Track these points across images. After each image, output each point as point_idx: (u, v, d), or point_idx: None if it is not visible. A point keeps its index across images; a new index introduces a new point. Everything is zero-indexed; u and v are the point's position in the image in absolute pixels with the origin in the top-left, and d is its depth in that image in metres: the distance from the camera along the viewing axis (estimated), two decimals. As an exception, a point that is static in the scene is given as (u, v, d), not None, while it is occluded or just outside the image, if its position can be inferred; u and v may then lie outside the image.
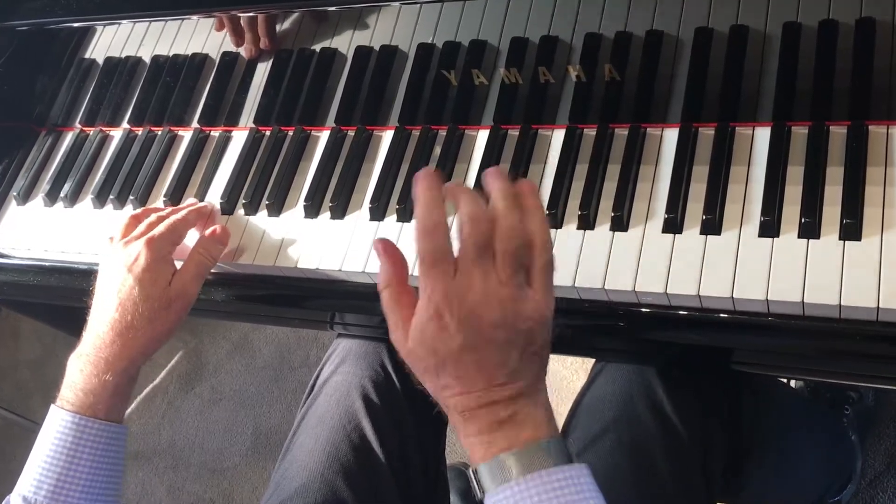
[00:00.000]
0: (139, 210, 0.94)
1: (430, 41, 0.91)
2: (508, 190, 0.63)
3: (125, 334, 0.80)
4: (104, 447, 0.79)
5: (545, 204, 0.80)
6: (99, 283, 0.84)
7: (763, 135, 0.76)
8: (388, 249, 0.66)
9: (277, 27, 0.99)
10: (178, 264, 0.85)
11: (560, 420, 1.59)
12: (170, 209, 0.93)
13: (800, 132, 0.75)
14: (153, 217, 0.88)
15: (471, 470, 0.63)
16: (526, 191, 0.64)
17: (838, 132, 0.74)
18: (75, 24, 1.05)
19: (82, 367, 0.80)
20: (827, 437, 1.17)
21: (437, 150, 0.89)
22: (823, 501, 1.22)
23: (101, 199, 1.02)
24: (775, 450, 0.95)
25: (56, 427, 0.78)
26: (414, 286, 0.64)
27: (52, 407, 0.80)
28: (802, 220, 0.70)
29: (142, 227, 0.87)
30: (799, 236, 0.70)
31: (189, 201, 0.97)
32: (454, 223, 0.62)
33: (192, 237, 0.90)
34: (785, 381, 1.20)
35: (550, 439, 0.61)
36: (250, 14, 0.95)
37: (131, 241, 0.85)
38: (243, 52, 1.01)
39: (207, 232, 0.89)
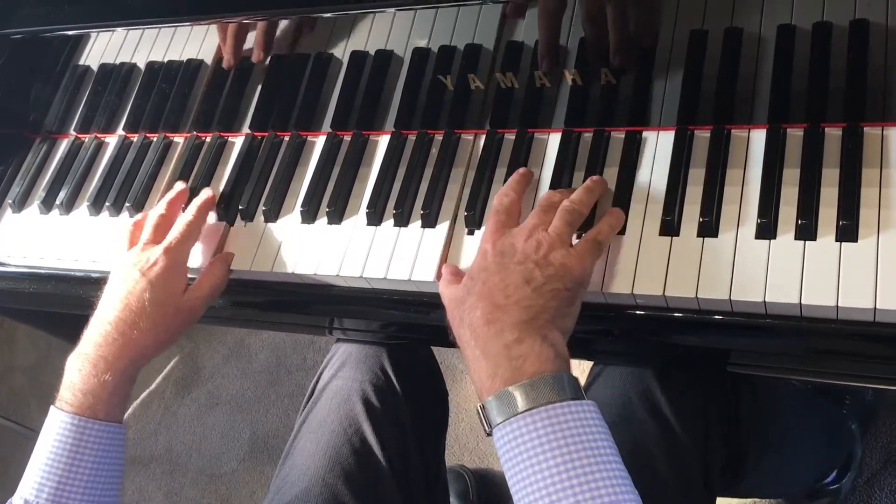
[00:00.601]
0: (140, 216, 0.94)
1: (425, 45, 0.91)
2: (596, 182, 0.77)
3: (128, 333, 0.80)
4: (105, 448, 0.79)
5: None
6: (108, 289, 0.84)
7: (759, 137, 0.77)
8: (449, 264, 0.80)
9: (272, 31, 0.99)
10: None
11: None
12: (168, 202, 0.92)
13: (795, 134, 0.75)
14: (157, 219, 0.89)
15: (478, 406, 0.64)
16: (616, 212, 0.76)
17: (834, 134, 0.74)
18: (70, 32, 1.05)
19: (81, 366, 0.80)
20: (826, 424, 1.17)
21: (434, 154, 0.89)
22: (824, 488, 1.23)
23: (97, 207, 1.02)
24: (775, 443, 0.95)
25: (56, 429, 0.78)
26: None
27: (52, 408, 0.80)
28: (799, 222, 0.70)
29: (149, 230, 0.87)
30: (796, 238, 0.70)
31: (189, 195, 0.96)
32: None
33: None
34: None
35: (556, 373, 0.62)
36: (245, 21, 0.94)
37: (148, 247, 0.85)
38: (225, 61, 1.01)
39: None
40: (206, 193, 0.93)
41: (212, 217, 0.94)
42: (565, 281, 0.68)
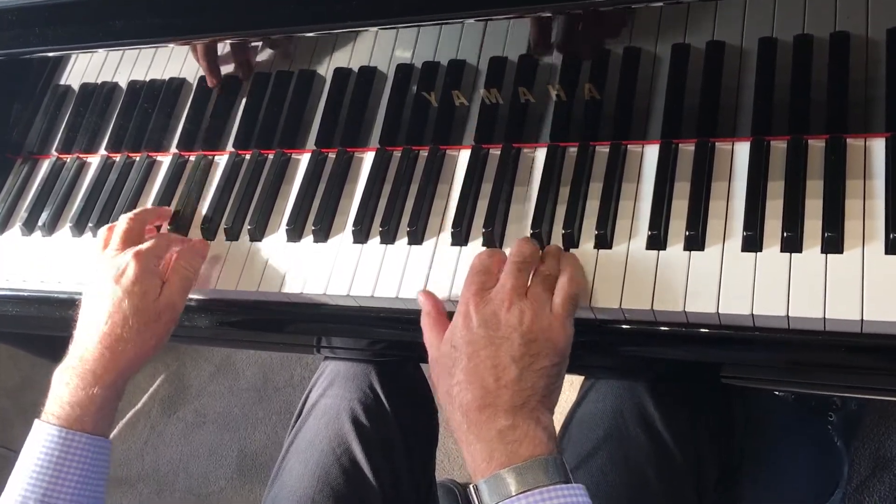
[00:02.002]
0: (123, 220, 0.92)
1: (409, 61, 0.91)
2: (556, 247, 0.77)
3: (114, 347, 0.79)
4: (91, 461, 0.78)
5: (528, 224, 0.80)
6: (86, 296, 0.84)
7: (742, 150, 0.77)
8: (429, 294, 0.78)
9: (255, 49, 0.98)
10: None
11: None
12: (143, 210, 0.93)
13: (779, 146, 0.76)
14: (128, 223, 0.88)
15: (471, 487, 0.65)
16: (564, 252, 0.77)
17: (817, 146, 0.74)
18: (50, 54, 1.04)
19: (68, 380, 0.79)
20: (814, 446, 1.18)
21: (419, 170, 0.89)
22: (814, 506, 1.23)
23: (79, 227, 1.01)
24: (765, 461, 0.95)
25: (42, 441, 0.77)
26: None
27: (36, 422, 0.79)
28: (785, 235, 0.70)
29: (119, 235, 0.87)
30: (782, 250, 0.70)
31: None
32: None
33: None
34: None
35: (549, 456, 0.63)
36: (227, 41, 0.94)
37: (118, 253, 0.84)
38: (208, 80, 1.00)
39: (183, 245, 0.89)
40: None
41: (198, 236, 0.93)
42: (552, 356, 0.68)
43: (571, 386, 1.58)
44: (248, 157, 0.98)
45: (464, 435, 0.66)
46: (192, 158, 1.01)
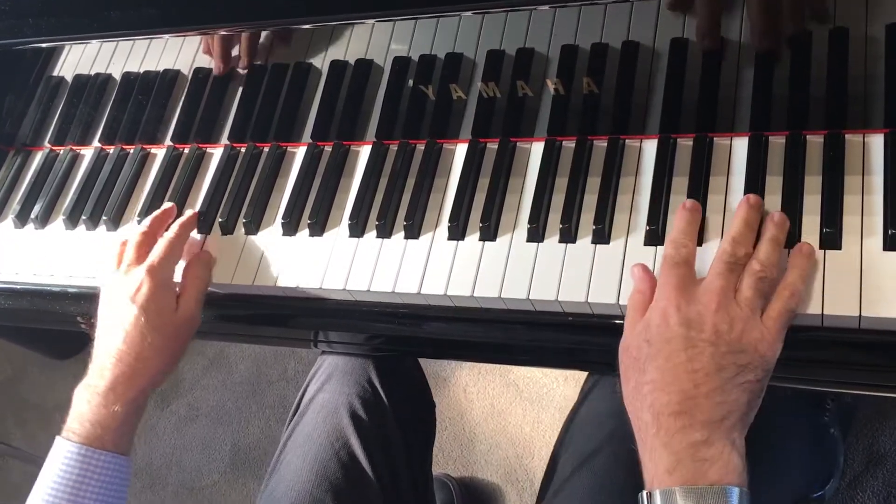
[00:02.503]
0: (134, 234, 0.90)
1: (406, 54, 0.90)
2: (781, 230, 0.67)
3: (134, 365, 0.80)
4: (110, 478, 0.78)
5: (526, 218, 0.80)
6: (102, 314, 0.83)
7: (741, 145, 0.77)
8: (647, 272, 0.70)
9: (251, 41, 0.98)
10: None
11: (548, 431, 1.59)
12: (152, 219, 0.91)
13: (777, 142, 0.76)
14: (140, 237, 0.87)
15: (644, 494, 0.61)
16: (806, 251, 0.67)
17: (816, 141, 0.74)
18: (43, 45, 1.03)
19: (90, 398, 0.79)
20: (810, 435, 1.18)
21: (416, 164, 0.89)
22: (807, 497, 1.23)
23: (72, 220, 1.00)
24: (763, 452, 0.95)
25: (62, 458, 0.77)
26: None
27: (58, 438, 0.79)
28: (783, 230, 0.70)
29: (132, 250, 0.86)
30: (780, 246, 0.70)
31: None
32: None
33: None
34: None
35: (735, 488, 0.58)
36: (223, 33, 0.93)
37: (132, 267, 0.84)
38: (215, 68, 0.99)
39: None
40: (189, 212, 0.92)
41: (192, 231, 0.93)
42: (757, 372, 0.62)
43: (562, 377, 1.59)
44: (243, 150, 0.98)
45: (649, 438, 0.61)
46: (187, 151, 1.01)
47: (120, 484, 0.79)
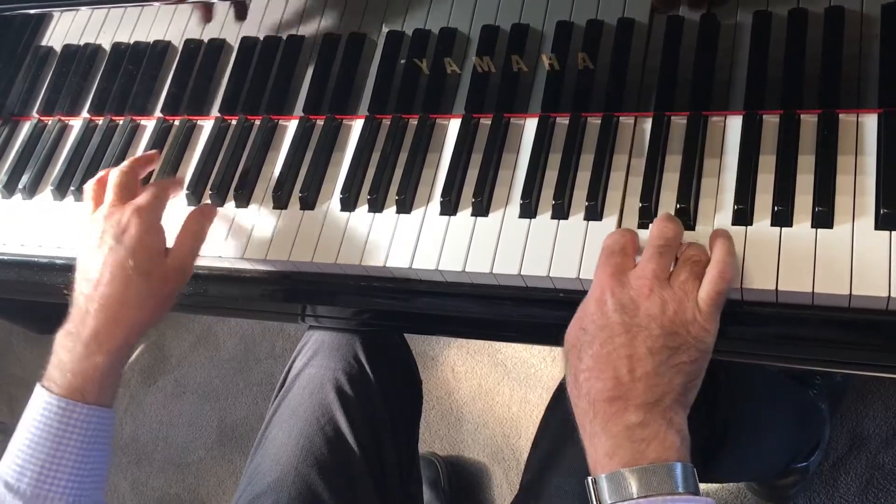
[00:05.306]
0: (103, 173, 0.86)
1: (400, 28, 0.89)
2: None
3: (118, 311, 0.75)
4: (93, 433, 0.75)
5: (519, 194, 0.79)
6: (82, 258, 0.78)
7: (735, 124, 0.77)
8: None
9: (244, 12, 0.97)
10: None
11: (535, 411, 1.59)
12: (132, 160, 0.86)
13: (771, 121, 0.76)
14: (121, 177, 0.81)
15: (589, 480, 0.62)
16: (722, 231, 0.69)
17: (809, 121, 0.74)
18: (31, 12, 1.02)
19: (71, 346, 0.75)
20: (796, 407, 1.18)
21: (409, 138, 0.88)
22: (790, 467, 1.24)
23: (61, 191, 0.99)
24: (749, 427, 0.95)
25: (40, 410, 0.73)
26: None
27: (38, 386, 0.75)
28: (775, 209, 0.70)
29: (113, 190, 0.80)
30: (772, 224, 0.70)
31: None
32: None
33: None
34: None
35: (678, 463, 0.59)
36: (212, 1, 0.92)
37: (115, 208, 0.78)
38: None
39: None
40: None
41: (182, 204, 0.92)
42: (692, 352, 0.62)
43: (550, 356, 1.59)
44: (234, 122, 0.97)
45: (588, 425, 0.62)
46: (177, 123, 1.00)
47: (103, 437, 0.76)
